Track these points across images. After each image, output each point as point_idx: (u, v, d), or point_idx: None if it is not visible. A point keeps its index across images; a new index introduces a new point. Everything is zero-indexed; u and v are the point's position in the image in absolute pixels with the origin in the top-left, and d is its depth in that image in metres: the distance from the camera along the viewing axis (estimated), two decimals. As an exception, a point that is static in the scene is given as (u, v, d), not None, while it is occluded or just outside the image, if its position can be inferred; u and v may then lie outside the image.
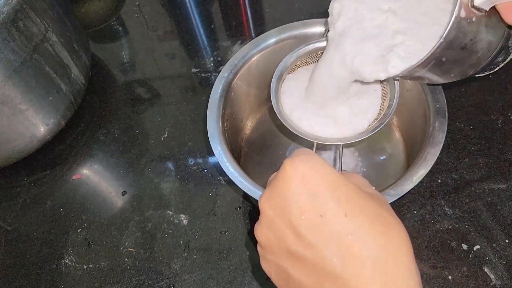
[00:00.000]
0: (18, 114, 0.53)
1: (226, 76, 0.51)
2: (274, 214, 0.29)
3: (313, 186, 0.27)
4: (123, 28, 0.77)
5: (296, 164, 0.28)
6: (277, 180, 0.29)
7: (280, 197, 0.28)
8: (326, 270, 0.26)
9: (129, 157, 0.61)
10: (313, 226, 0.27)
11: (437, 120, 0.46)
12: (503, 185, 0.51)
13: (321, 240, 0.27)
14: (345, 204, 0.27)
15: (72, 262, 0.53)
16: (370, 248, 0.26)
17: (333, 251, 0.26)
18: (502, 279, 0.45)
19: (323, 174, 0.28)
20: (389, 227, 0.27)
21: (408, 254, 0.26)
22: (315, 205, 0.27)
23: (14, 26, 0.49)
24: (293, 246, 0.28)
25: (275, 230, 0.29)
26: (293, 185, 0.28)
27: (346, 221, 0.26)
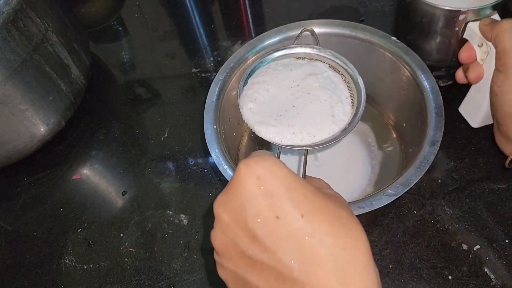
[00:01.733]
0: (18, 114, 0.53)
1: (222, 79, 0.51)
2: (229, 218, 0.28)
3: (269, 187, 0.26)
4: (123, 28, 0.77)
5: (251, 165, 0.27)
6: (231, 183, 0.28)
7: (234, 200, 0.27)
8: (284, 274, 0.26)
9: (129, 157, 0.61)
10: (269, 228, 0.26)
11: (434, 119, 0.46)
12: (503, 185, 0.51)
13: (278, 242, 0.26)
14: (302, 204, 0.26)
15: (72, 262, 0.53)
16: (328, 248, 0.25)
17: (290, 254, 0.25)
18: (502, 279, 0.45)
19: (279, 175, 0.27)
20: (347, 227, 0.26)
21: (366, 254, 0.26)
22: (271, 207, 0.26)
23: (14, 26, 0.49)
24: (250, 251, 0.27)
25: (230, 235, 0.28)
26: (247, 187, 0.27)
27: (303, 222, 0.26)
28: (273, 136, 0.42)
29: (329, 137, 0.41)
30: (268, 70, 0.47)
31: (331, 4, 0.73)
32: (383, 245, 0.48)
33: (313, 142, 0.41)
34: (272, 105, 0.44)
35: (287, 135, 0.41)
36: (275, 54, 0.47)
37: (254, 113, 0.43)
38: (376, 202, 0.40)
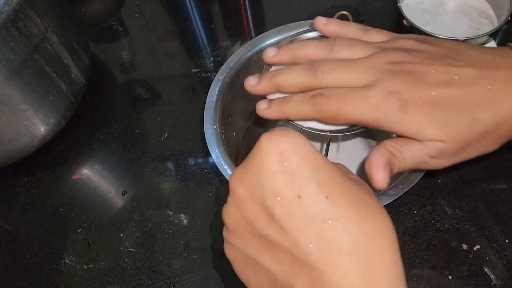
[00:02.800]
0: (18, 114, 0.53)
1: (222, 79, 0.51)
2: (246, 194, 0.26)
3: (292, 165, 0.24)
4: (123, 28, 0.77)
5: (274, 140, 0.25)
6: (251, 156, 0.26)
7: (253, 175, 0.25)
8: (300, 258, 0.24)
9: (129, 157, 0.61)
10: (289, 208, 0.24)
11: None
12: (503, 185, 0.51)
13: (297, 224, 0.24)
14: (327, 186, 0.24)
15: (72, 262, 0.53)
16: (352, 235, 0.23)
17: (309, 237, 0.24)
18: (502, 279, 0.45)
19: (304, 153, 0.25)
20: (373, 213, 0.25)
21: (393, 244, 0.25)
22: (293, 185, 0.24)
23: (14, 26, 0.49)
24: (265, 231, 0.25)
25: (246, 212, 0.26)
26: (269, 162, 0.25)
27: (327, 204, 0.24)
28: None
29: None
30: None
31: (331, 4, 0.73)
32: (383, 245, 0.48)
33: (338, 128, 0.38)
34: None
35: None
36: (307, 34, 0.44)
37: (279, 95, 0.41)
38: (376, 202, 0.40)
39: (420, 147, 0.34)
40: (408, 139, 0.35)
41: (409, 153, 0.35)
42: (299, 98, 0.37)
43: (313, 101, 0.36)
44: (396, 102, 0.33)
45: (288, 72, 0.38)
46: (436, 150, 0.34)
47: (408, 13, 0.59)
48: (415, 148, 0.35)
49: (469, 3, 0.60)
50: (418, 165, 0.36)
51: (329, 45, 0.38)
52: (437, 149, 0.34)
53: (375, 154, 0.34)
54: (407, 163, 0.35)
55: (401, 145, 0.35)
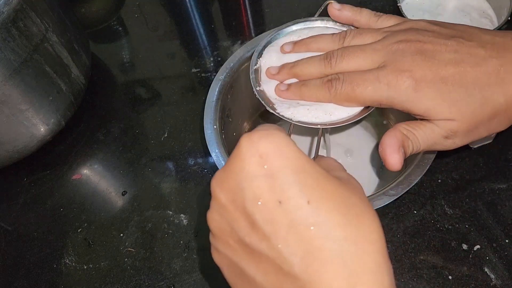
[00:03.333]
0: (18, 114, 0.53)
1: (222, 79, 0.51)
2: (226, 199, 0.25)
3: (273, 167, 0.23)
4: (123, 28, 0.77)
5: (254, 141, 0.24)
6: (230, 159, 0.25)
7: (233, 179, 0.24)
8: (284, 268, 0.23)
9: (129, 157, 0.61)
10: (270, 214, 0.23)
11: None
12: (503, 185, 0.51)
13: (278, 231, 0.23)
14: (309, 189, 0.23)
15: (72, 262, 0.53)
16: (336, 241, 0.22)
17: (292, 246, 0.22)
18: (502, 279, 0.45)
19: (285, 154, 0.23)
20: (360, 216, 0.23)
21: (380, 249, 0.23)
22: (274, 190, 0.23)
23: (14, 26, 0.49)
24: (247, 238, 0.24)
25: (227, 218, 0.25)
26: (248, 166, 0.24)
27: (308, 209, 0.22)
28: (285, 110, 0.39)
29: (347, 116, 0.38)
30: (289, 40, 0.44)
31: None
32: (383, 245, 0.48)
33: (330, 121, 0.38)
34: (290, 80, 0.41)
35: (301, 110, 0.39)
36: (293, 27, 0.45)
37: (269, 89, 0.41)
38: (377, 202, 0.40)
39: (433, 128, 0.35)
40: (421, 121, 0.36)
41: (422, 134, 0.35)
42: (316, 82, 0.39)
43: (329, 85, 0.37)
44: (408, 81, 0.34)
45: (305, 63, 0.40)
46: (448, 130, 0.35)
47: (408, 13, 0.59)
48: (428, 130, 0.35)
49: (469, 3, 0.60)
50: (432, 146, 0.36)
51: (340, 38, 0.40)
52: (449, 128, 0.34)
53: (388, 136, 0.35)
54: (420, 145, 0.36)
55: (414, 127, 0.35)
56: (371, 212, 0.24)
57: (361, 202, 0.24)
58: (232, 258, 0.26)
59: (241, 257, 0.25)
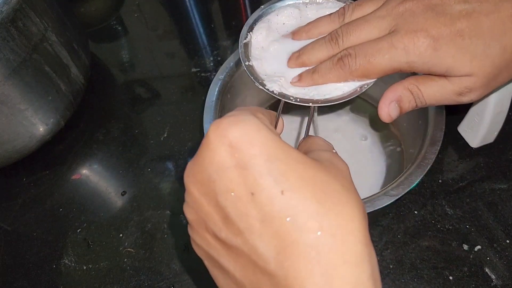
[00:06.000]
0: (17, 114, 0.53)
1: (222, 78, 0.51)
2: (199, 192, 0.24)
3: (244, 156, 0.22)
4: (122, 27, 0.77)
5: (222, 129, 0.22)
6: (200, 150, 0.24)
7: (203, 171, 0.23)
8: (260, 265, 0.21)
9: (128, 157, 0.61)
10: (243, 207, 0.22)
11: (435, 119, 0.46)
12: (504, 185, 0.50)
13: (252, 226, 0.21)
14: (283, 177, 0.21)
15: (72, 263, 0.53)
16: (311, 233, 0.21)
17: (265, 241, 0.21)
18: (503, 280, 0.45)
19: (257, 141, 0.22)
20: (340, 204, 0.22)
21: (361, 239, 0.21)
22: (246, 181, 0.21)
23: (14, 25, 0.49)
24: (222, 233, 0.23)
25: (201, 212, 0.24)
26: (218, 156, 0.22)
27: (282, 200, 0.21)
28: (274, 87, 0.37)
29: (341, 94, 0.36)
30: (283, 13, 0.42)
31: (331, 3, 0.72)
32: (384, 246, 0.48)
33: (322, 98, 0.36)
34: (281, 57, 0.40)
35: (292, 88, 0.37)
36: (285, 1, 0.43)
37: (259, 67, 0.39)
38: (378, 202, 0.40)
39: (445, 85, 0.34)
40: (432, 76, 0.34)
41: (429, 91, 0.34)
42: (327, 65, 0.36)
43: (340, 63, 0.35)
44: (426, 41, 0.32)
45: (311, 49, 0.38)
46: (463, 87, 0.33)
47: None
48: (438, 86, 0.34)
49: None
50: (440, 102, 0.35)
51: (340, 15, 0.38)
52: (465, 86, 0.33)
53: (388, 89, 0.34)
54: (425, 101, 0.35)
55: (421, 82, 0.34)
56: (352, 197, 0.22)
57: (342, 186, 0.23)
58: (210, 252, 0.25)
59: (219, 252, 0.24)
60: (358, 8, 0.37)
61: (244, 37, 0.41)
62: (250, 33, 0.41)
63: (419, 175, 0.42)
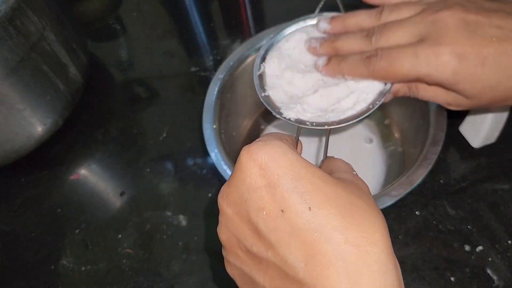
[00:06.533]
0: (15, 114, 0.53)
1: (222, 78, 0.51)
2: (232, 212, 0.26)
3: (273, 177, 0.24)
4: (121, 26, 0.77)
5: (252, 153, 0.25)
6: (233, 172, 0.26)
7: (237, 192, 0.25)
8: (289, 274, 0.23)
9: (127, 157, 0.60)
10: (273, 223, 0.24)
11: (437, 119, 0.46)
12: (506, 185, 0.50)
13: (282, 239, 0.23)
14: (309, 195, 0.23)
15: (70, 264, 0.52)
16: (337, 245, 0.22)
17: (296, 252, 0.23)
18: (505, 280, 0.45)
19: (283, 163, 0.24)
20: (362, 218, 0.23)
21: (384, 250, 0.23)
22: (275, 199, 0.24)
23: (12, 24, 0.48)
24: (254, 248, 0.25)
25: (235, 230, 0.26)
26: (249, 177, 0.25)
27: (310, 215, 0.23)
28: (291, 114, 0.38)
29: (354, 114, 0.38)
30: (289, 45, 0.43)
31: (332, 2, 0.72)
32: (385, 246, 0.48)
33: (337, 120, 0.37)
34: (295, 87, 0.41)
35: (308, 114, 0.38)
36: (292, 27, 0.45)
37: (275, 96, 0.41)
38: (379, 203, 0.40)
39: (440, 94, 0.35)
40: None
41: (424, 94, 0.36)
42: (356, 57, 0.38)
43: (367, 62, 0.36)
44: (448, 58, 0.32)
45: (346, 38, 0.39)
46: (456, 104, 0.35)
47: None
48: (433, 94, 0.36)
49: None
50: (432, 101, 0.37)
51: (377, 13, 0.39)
52: (458, 102, 0.35)
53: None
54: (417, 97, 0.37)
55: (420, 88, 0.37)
56: (374, 213, 0.24)
57: (365, 203, 0.24)
58: (242, 268, 0.27)
59: (250, 267, 0.26)
60: (396, 10, 0.38)
61: (258, 69, 0.42)
62: (263, 63, 0.42)
63: (420, 176, 0.42)
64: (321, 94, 0.39)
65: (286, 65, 0.42)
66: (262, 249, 0.24)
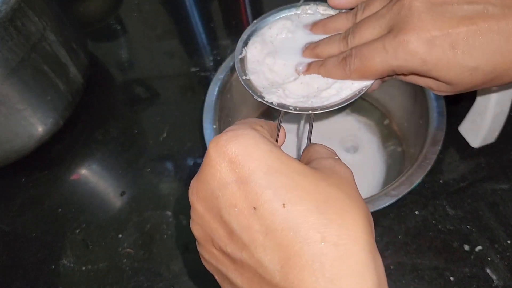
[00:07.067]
0: (16, 114, 0.53)
1: (222, 78, 0.51)
2: (203, 208, 0.24)
3: (244, 171, 0.22)
4: (121, 27, 0.77)
5: (221, 145, 0.23)
6: (202, 167, 0.24)
7: (206, 188, 0.23)
8: (266, 278, 0.22)
9: (127, 157, 0.60)
10: (246, 222, 0.22)
11: (436, 119, 0.46)
12: (505, 185, 0.50)
13: (256, 239, 0.21)
14: (283, 190, 0.21)
15: (70, 263, 0.52)
16: (314, 244, 0.20)
17: (270, 254, 0.21)
18: (504, 280, 0.45)
19: (256, 155, 0.22)
20: (342, 213, 0.22)
21: (365, 247, 0.21)
22: (247, 196, 0.22)
23: (12, 25, 0.48)
24: (228, 248, 0.23)
25: (207, 228, 0.24)
26: (219, 172, 0.23)
27: (284, 213, 0.21)
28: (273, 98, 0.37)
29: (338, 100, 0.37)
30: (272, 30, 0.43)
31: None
32: (385, 246, 0.48)
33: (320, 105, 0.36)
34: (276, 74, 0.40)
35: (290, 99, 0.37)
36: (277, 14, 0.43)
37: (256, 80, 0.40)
38: (378, 203, 0.40)
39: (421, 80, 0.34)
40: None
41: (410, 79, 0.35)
42: (333, 60, 0.37)
43: (343, 63, 0.36)
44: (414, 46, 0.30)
45: (326, 44, 0.39)
46: (437, 89, 0.34)
47: None
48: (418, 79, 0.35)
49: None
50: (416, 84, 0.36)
51: (353, 14, 0.38)
52: (439, 89, 0.34)
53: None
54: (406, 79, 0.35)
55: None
56: (355, 205, 0.22)
57: (345, 195, 0.23)
58: (218, 267, 0.25)
59: (227, 267, 0.24)
60: (368, 7, 0.37)
61: (239, 52, 0.42)
62: (245, 48, 0.42)
63: (420, 175, 0.42)
64: (301, 82, 0.39)
65: (268, 51, 0.42)
66: (236, 250, 0.23)
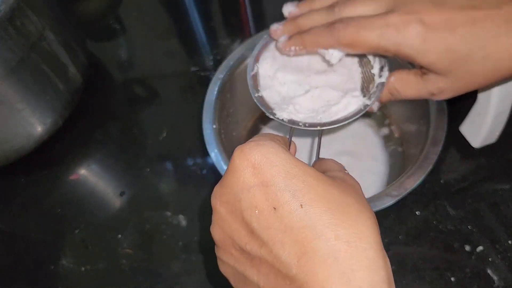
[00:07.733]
0: (15, 114, 0.53)
1: (222, 77, 0.51)
2: (226, 211, 0.26)
3: (266, 176, 0.25)
4: (121, 26, 0.77)
5: (245, 153, 0.25)
6: (226, 172, 0.27)
7: (230, 191, 0.26)
8: (282, 271, 0.24)
9: (127, 157, 0.60)
10: (266, 221, 0.24)
11: (436, 118, 0.45)
12: (506, 185, 0.50)
13: (275, 237, 0.24)
14: (301, 193, 0.24)
15: (70, 264, 0.52)
16: (327, 242, 0.23)
17: (287, 249, 0.24)
18: (505, 281, 0.45)
19: (276, 162, 0.25)
20: (352, 215, 0.24)
21: (374, 246, 0.24)
22: (268, 198, 0.24)
23: (12, 24, 0.48)
24: (247, 246, 0.25)
25: (228, 229, 0.27)
26: (243, 177, 0.25)
27: (301, 213, 0.24)
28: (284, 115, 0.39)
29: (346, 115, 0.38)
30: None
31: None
32: (385, 247, 0.47)
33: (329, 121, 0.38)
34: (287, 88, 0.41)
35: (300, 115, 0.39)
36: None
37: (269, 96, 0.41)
38: (379, 203, 0.40)
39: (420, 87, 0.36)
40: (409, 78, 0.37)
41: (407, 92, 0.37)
42: (319, 28, 0.37)
43: (331, 28, 0.36)
44: (417, 26, 0.32)
45: (309, 15, 0.39)
46: (437, 88, 0.35)
47: None
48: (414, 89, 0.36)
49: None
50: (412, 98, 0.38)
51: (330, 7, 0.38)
52: (438, 86, 0.35)
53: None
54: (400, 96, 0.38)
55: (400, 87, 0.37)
56: (364, 210, 0.25)
57: (355, 201, 0.25)
58: (235, 267, 0.27)
59: (244, 265, 0.26)
60: None
61: (251, 69, 0.42)
62: (257, 64, 0.42)
63: (420, 176, 0.42)
64: (312, 95, 0.40)
65: (278, 65, 0.42)
66: (255, 247, 0.25)
